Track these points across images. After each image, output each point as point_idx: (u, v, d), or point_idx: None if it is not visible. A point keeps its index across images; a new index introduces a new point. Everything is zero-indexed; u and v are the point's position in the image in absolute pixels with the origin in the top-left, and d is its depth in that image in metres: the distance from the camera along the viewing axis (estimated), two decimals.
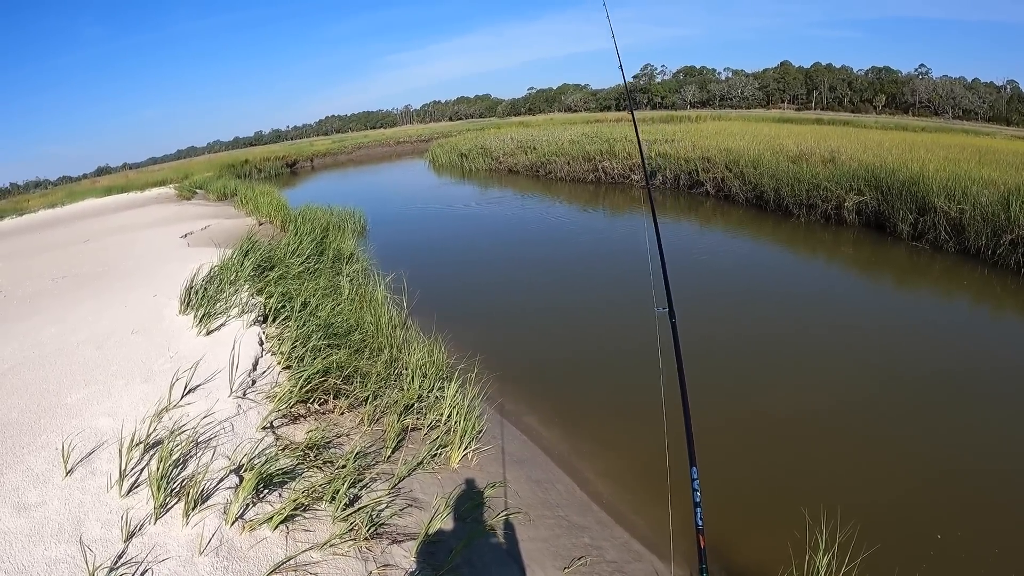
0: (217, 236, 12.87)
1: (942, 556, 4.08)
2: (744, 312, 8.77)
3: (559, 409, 6.39)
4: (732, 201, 17.16)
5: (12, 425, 4.43)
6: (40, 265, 12.33)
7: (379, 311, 7.31)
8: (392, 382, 5.61)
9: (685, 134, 23.32)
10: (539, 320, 9.06)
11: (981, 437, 5.56)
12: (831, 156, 16.21)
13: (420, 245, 15.65)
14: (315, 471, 3.95)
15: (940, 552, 4.12)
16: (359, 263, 10.98)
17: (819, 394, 6.44)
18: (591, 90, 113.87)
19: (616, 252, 13.17)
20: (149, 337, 6.21)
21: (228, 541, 3.19)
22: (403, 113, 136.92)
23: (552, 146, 27.03)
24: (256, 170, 45.14)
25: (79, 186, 52.28)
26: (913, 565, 3.86)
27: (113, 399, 4.78)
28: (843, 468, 5.18)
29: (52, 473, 3.72)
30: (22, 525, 3.24)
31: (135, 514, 3.30)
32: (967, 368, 6.96)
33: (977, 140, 23.52)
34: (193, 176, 34.88)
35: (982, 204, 10.86)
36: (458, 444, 4.82)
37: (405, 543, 3.54)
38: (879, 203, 12.95)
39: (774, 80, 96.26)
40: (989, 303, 9.36)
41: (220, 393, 4.79)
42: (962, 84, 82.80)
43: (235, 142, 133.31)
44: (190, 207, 21.72)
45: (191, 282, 7.10)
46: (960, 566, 4.00)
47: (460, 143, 36.52)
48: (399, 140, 64.50)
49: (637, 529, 4.64)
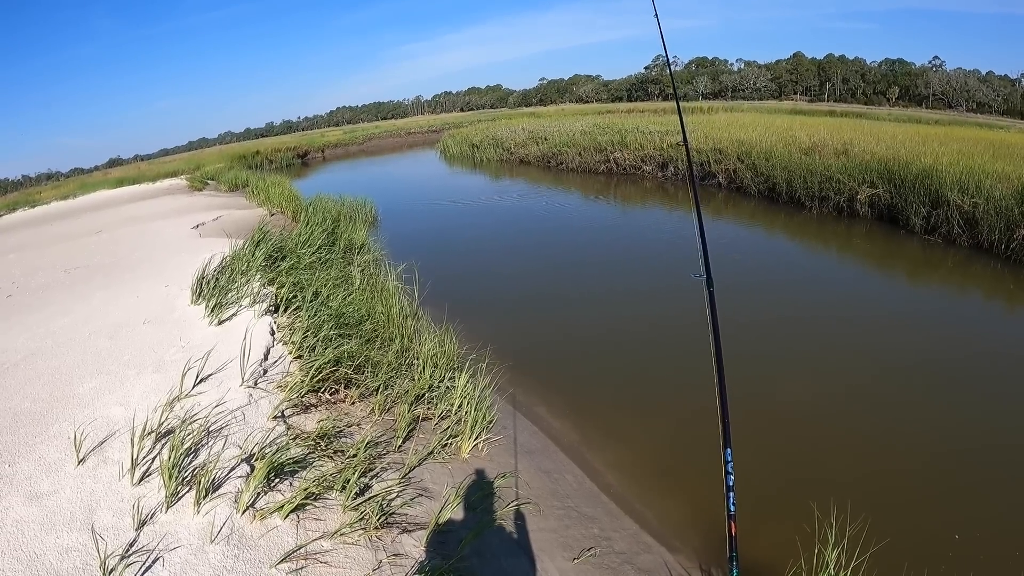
0: (228, 227, 12.90)
1: (956, 555, 4.04)
2: (755, 304, 8.70)
3: (569, 400, 6.38)
4: (744, 193, 17.02)
5: (25, 414, 4.46)
6: (52, 256, 12.42)
7: (390, 301, 7.30)
8: (403, 372, 5.61)
9: (697, 125, 23.09)
10: (551, 311, 9.04)
11: (995, 434, 5.47)
12: (844, 148, 16.02)
13: (431, 235, 15.65)
14: (326, 460, 3.95)
15: (955, 551, 4.08)
16: (370, 253, 10.98)
17: (828, 386, 6.39)
18: (603, 81, 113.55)
19: (629, 243, 13.14)
20: (161, 327, 6.24)
21: (239, 529, 3.19)
22: (414, 104, 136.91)
23: (563, 137, 26.87)
24: (267, 161, 45.16)
25: (91, 178, 52.47)
26: (922, 562, 3.81)
27: (125, 388, 4.80)
28: (853, 462, 5.13)
29: (64, 462, 3.74)
30: (35, 513, 3.26)
31: (147, 503, 3.31)
32: (980, 363, 6.87)
33: (991, 134, 23.18)
34: (205, 167, 34.94)
35: (996, 198, 10.71)
36: (469, 434, 4.81)
37: (415, 532, 3.54)
38: (892, 196, 12.81)
39: (787, 72, 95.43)
40: (1003, 298, 9.25)
41: (231, 383, 4.79)
42: (976, 77, 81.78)
43: (247, 133, 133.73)
44: (201, 198, 21.80)
45: (202, 272, 7.12)
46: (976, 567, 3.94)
47: (471, 134, 36.42)
48: (410, 131, 64.26)
49: (646, 520, 4.63)
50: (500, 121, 44.17)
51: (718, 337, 2.35)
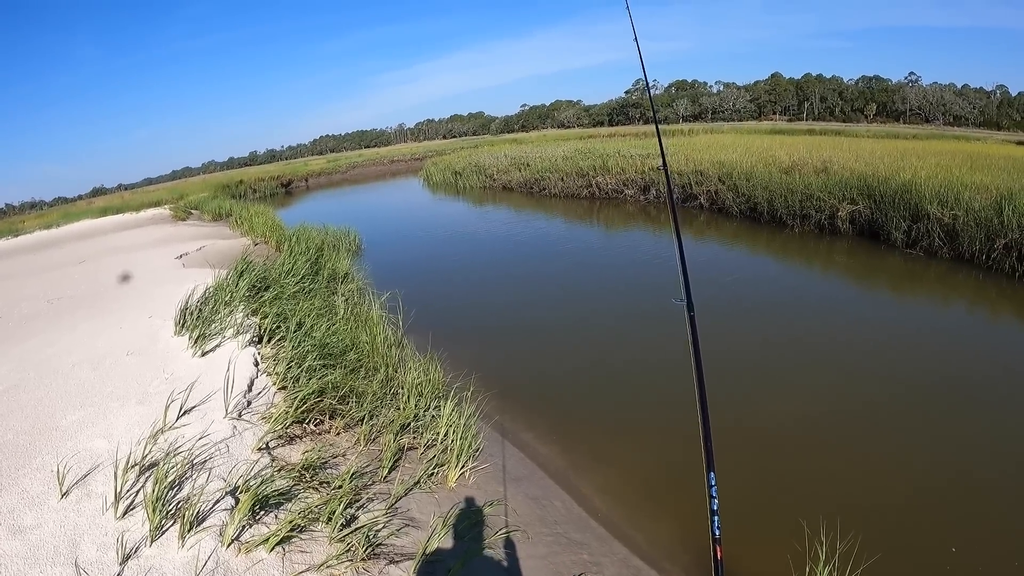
0: (212, 257, 12.87)
1: (954, 568, 4.08)
2: (740, 322, 8.79)
3: (556, 426, 6.38)
4: (726, 214, 17.24)
5: (7, 447, 4.41)
6: (35, 286, 12.31)
7: (374, 330, 7.31)
8: (388, 401, 5.61)
9: (678, 148, 23.43)
10: (536, 337, 9.07)
11: (981, 444, 5.55)
12: (823, 166, 16.35)
13: (415, 263, 15.69)
14: (311, 492, 3.94)
15: (945, 565, 4.12)
16: (354, 282, 10.99)
17: (814, 403, 6.46)
18: (584, 106, 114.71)
19: (612, 268, 13.24)
20: (144, 358, 6.20)
21: (224, 563, 3.18)
22: (397, 131, 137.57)
23: (546, 162, 27.16)
24: (251, 190, 45.20)
25: (75, 207, 52.16)
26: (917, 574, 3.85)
27: (108, 421, 4.77)
28: (841, 477, 5.18)
29: (47, 495, 3.71)
30: (17, 547, 3.22)
31: (131, 536, 3.29)
32: (965, 374, 6.98)
33: (968, 146, 23.71)
34: (188, 196, 34.86)
35: (975, 209, 10.95)
36: (455, 463, 4.81)
37: (403, 563, 3.53)
38: (872, 212, 13.06)
39: (765, 92, 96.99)
40: (985, 308, 9.42)
41: (215, 415, 4.78)
42: (952, 90, 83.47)
43: (230, 162, 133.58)
44: (185, 228, 21.73)
45: (186, 303, 7.10)
46: None
47: (454, 161, 36.73)
48: (393, 159, 64.52)
49: (636, 544, 4.63)
50: (483, 148, 44.56)
51: (699, 362, 2.40)
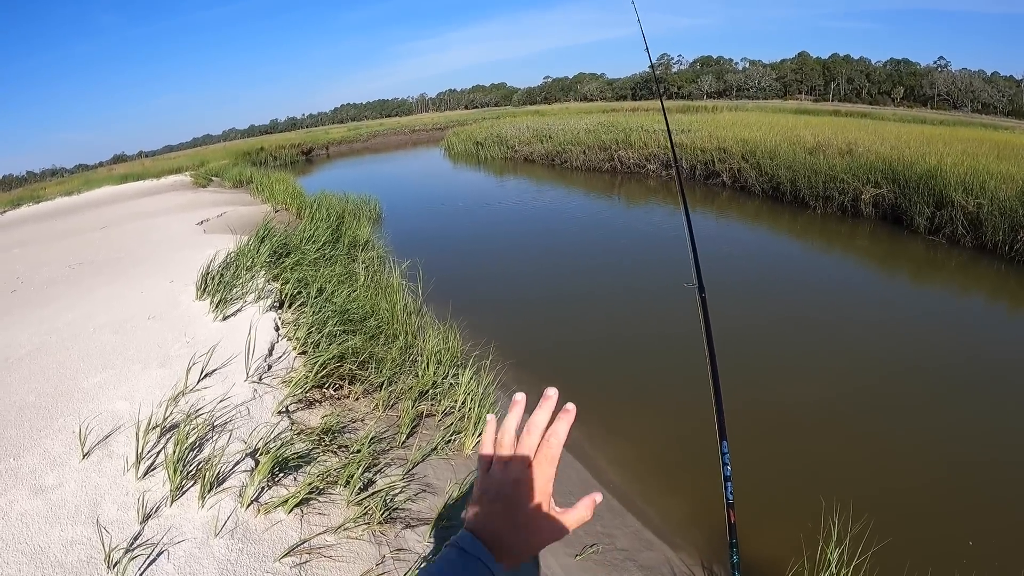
0: (233, 223, 12.92)
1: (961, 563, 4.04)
2: (760, 302, 8.71)
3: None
4: (748, 192, 17.02)
5: (30, 408, 4.48)
6: (57, 252, 12.45)
7: (394, 298, 7.31)
8: (407, 368, 5.62)
9: (702, 124, 23.08)
10: (554, 309, 9.05)
11: (1002, 437, 5.47)
12: (848, 148, 16.01)
13: (435, 233, 15.66)
14: (330, 455, 3.96)
15: (961, 559, 4.08)
16: (374, 250, 11.00)
17: (832, 387, 6.39)
18: (607, 79, 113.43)
19: (632, 243, 13.13)
20: (166, 322, 6.25)
21: (243, 523, 3.20)
22: (419, 101, 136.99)
23: (568, 135, 26.88)
24: (271, 158, 45.33)
25: (95, 174, 52.62)
26: (926, 562, 3.81)
27: (130, 383, 4.82)
28: (856, 461, 5.14)
29: (69, 456, 3.75)
30: (39, 506, 3.27)
31: (151, 496, 3.32)
32: (985, 365, 6.86)
33: (996, 134, 23.11)
34: (209, 164, 35.04)
35: (1000, 199, 10.72)
36: (472, 431, 4.82)
37: (418, 528, 3.55)
38: (896, 196, 12.81)
39: (792, 71, 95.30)
40: (1007, 298, 9.24)
41: (236, 378, 4.81)
42: (981, 78, 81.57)
43: (250, 130, 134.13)
44: (206, 194, 21.81)
45: (207, 268, 7.13)
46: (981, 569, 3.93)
47: (476, 132, 36.45)
48: (414, 128, 64.28)
49: (648, 517, 4.64)
50: (504, 119, 44.22)
51: (710, 335, 2.40)
